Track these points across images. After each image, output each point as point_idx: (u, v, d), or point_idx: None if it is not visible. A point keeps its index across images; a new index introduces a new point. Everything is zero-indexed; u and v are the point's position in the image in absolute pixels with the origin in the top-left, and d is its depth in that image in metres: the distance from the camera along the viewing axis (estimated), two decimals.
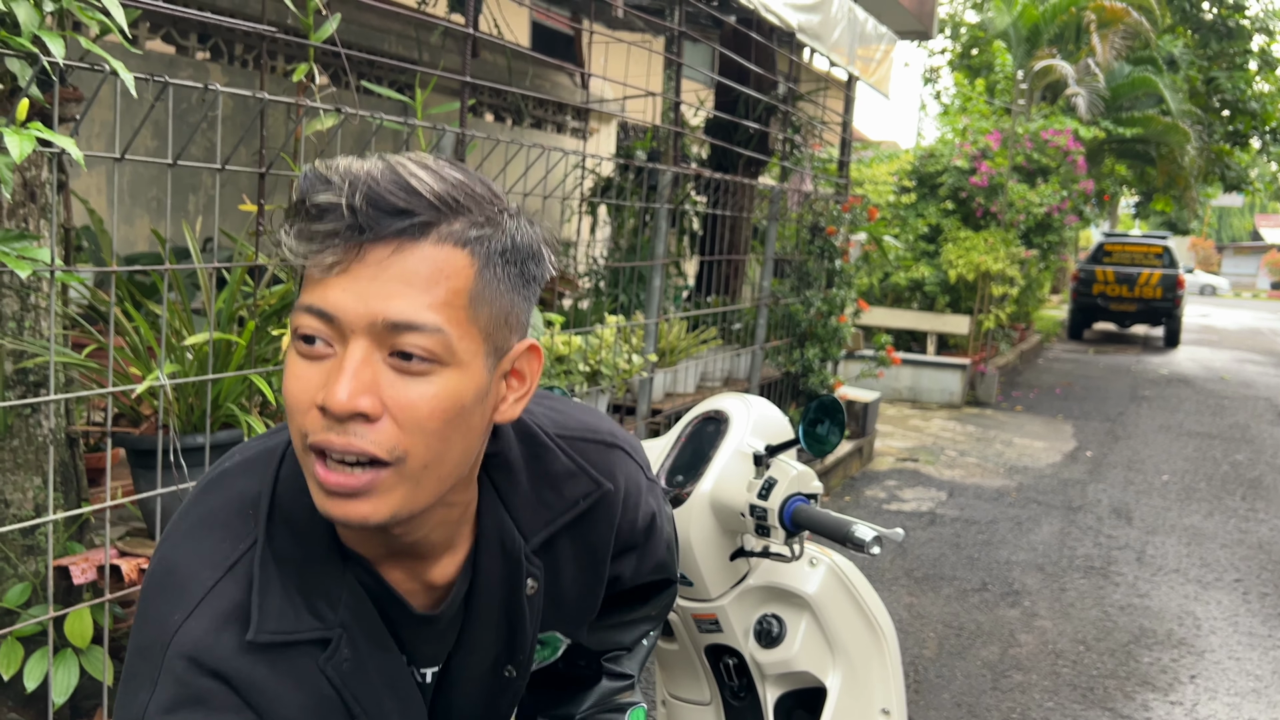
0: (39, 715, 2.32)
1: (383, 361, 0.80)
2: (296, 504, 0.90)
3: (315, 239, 0.80)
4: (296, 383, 0.82)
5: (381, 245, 0.80)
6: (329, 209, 0.79)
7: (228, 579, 0.88)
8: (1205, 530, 5.59)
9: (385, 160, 0.81)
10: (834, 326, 5.67)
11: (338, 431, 0.80)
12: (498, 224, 0.85)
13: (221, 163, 1.99)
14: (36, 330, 2.24)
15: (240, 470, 0.95)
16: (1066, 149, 10.58)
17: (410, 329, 0.80)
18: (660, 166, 3.87)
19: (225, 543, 0.90)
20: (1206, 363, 13.68)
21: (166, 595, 0.88)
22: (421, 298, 0.80)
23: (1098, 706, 3.41)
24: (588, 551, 1.06)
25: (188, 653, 0.85)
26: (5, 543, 2.29)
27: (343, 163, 0.81)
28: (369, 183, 0.79)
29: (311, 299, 0.81)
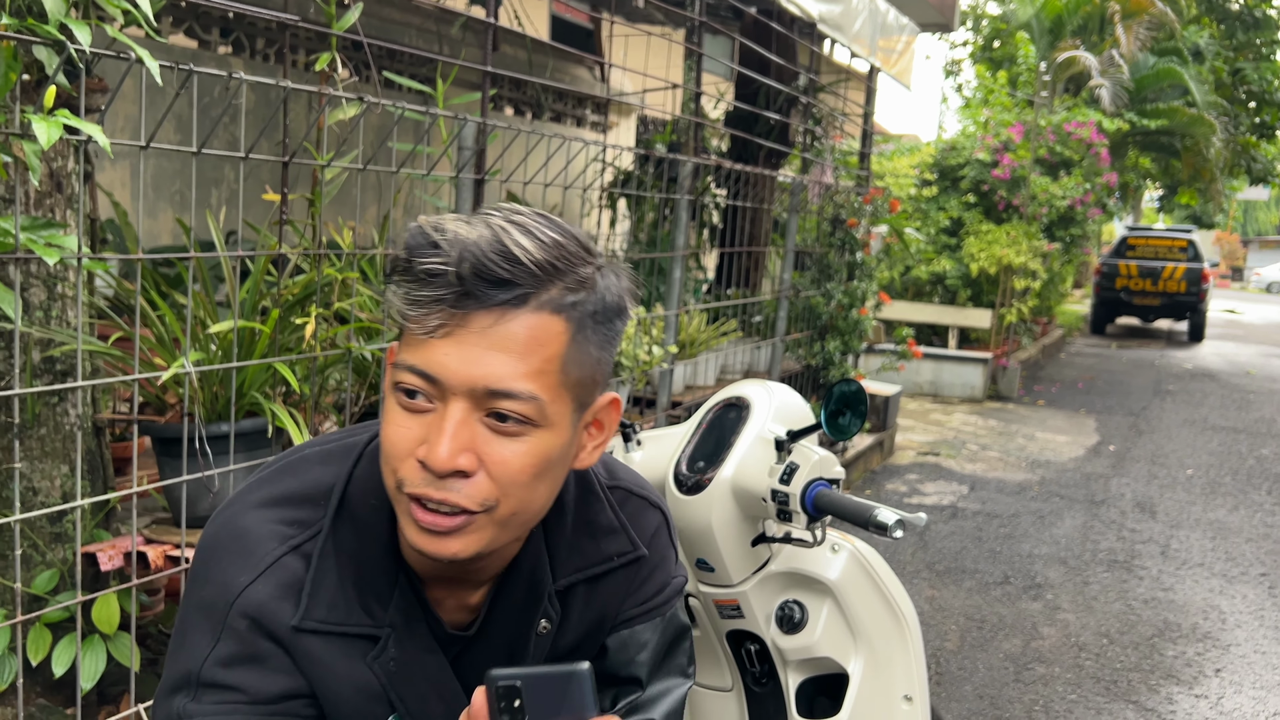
0: (67, 700, 2.35)
1: (480, 421, 0.85)
2: (364, 503, 0.95)
3: (421, 303, 0.84)
4: (397, 431, 0.87)
5: (484, 313, 0.83)
6: (436, 275, 0.83)
7: (293, 555, 0.93)
8: (1230, 524, 5.54)
9: (490, 226, 0.84)
10: (855, 319, 5.65)
11: (435, 486, 0.85)
12: (591, 286, 0.88)
13: (245, 151, 2.01)
14: (63, 320, 2.27)
15: (319, 459, 1.00)
16: (1090, 141, 10.49)
17: (508, 396, 0.84)
18: (680, 157, 3.86)
19: (294, 522, 0.94)
20: (1232, 357, 13.53)
21: (233, 558, 0.93)
22: (519, 365, 0.84)
23: (1121, 699, 3.38)
24: (598, 608, 1.07)
25: (251, 614, 0.90)
26: (34, 530, 2.31)
27: (450, 226, 0.84)
28: (476, 253, 0.82)
29: (415, 359, 0.85)
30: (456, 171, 2.50)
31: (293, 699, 0.91)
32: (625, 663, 1.10)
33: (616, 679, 1.11)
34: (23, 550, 2.31)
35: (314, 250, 2.26)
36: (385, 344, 2.47)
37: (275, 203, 2.30)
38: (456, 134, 2.45)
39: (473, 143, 2.48)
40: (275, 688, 0.90)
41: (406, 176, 2.46)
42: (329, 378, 2.59)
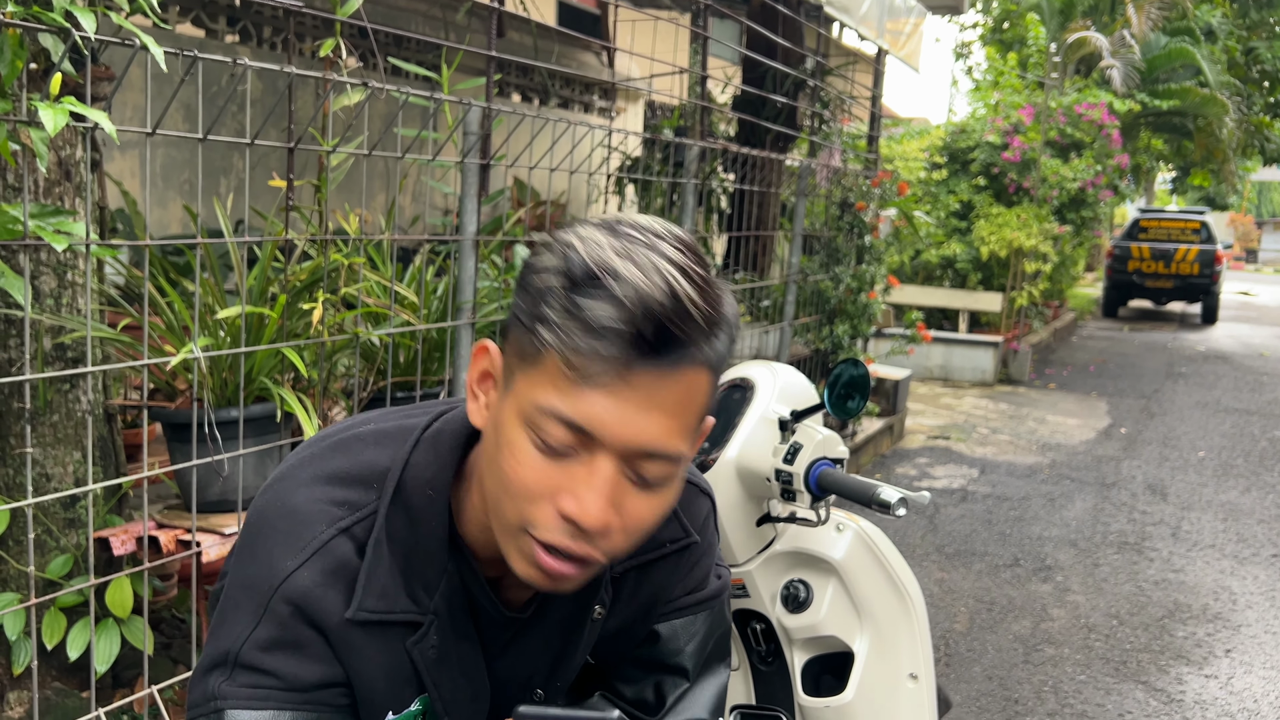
0: (82, 684, 2.38)
1: (623, 476, 0.82)
2: (420, 493, 0.92)
3: (586, 353, 0.78)
4: (531, 473, 0.81)
5: (650, 372, 0.78)
6: (609, 330, 0.77)
7: (342, 538, 0.90)
8: (1242, 506, 5.52)
9: (661, 272, 0.78)
10: (864, 303, 5.64)
11: (574, 538, 0.82)
12: (727, 324, 0.83)
13: (251, 137, 2.02)
14: (74, 307, 2.29)
15: (373, 440, 0.96)
16: (1101, 123, 10.41)
17: (662, 457, 0.82)
18: (686, 141, 3.86)
19: (344, 503, 0.92)
20: (1245, 339, 13.46)
21: (279, 537, 0.91)
22: (674, 424, 0.81)
23: (1131, 680, 3.39)
24: (649, 593, 1.07)
25: (294, 600, 0.88)
26: (47, 516, 2.34)
27: (621, 267, 0.77)
28: (657, 312, 0.77)
29: (570, 411, 0.79)
30: (462, 156, 2.51)
31: (328, 687, 0.90)
32: (674, 652, 1.10)
33: (665, 666, 1.10)
34: (36, 535, 2.33)
35: (321, 236, 2.27)
36: (392, 329, 2.48)
37: (282, 190, 2.31)
38: (461, 119, 2.46)
39: (478, 128, 2.49)
40: (312, 675, 0.89)
41: (412, 162, 2.46)
42: (337, 363, 2.61)
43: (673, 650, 1.10)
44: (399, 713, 0.96)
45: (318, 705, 0.90)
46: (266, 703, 0.88)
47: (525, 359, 0.82)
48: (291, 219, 2.28)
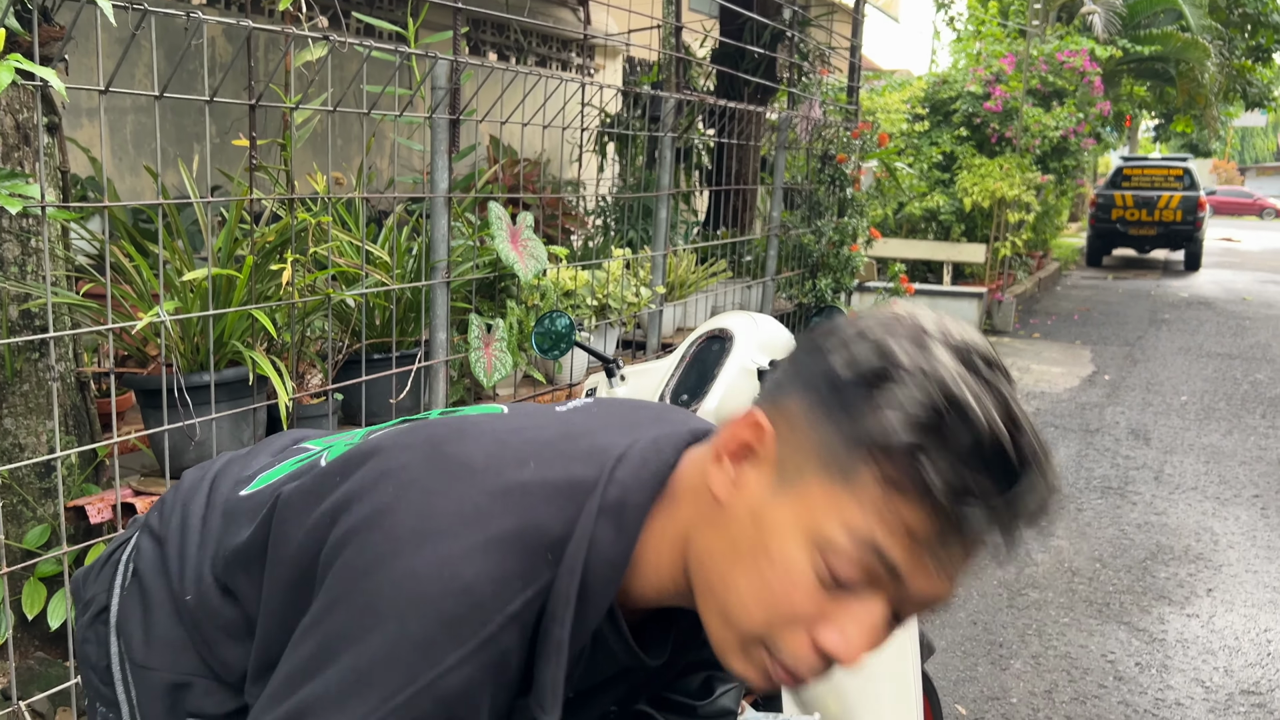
0: (65, 653, 2.37)
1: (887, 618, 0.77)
2: (600, 576, 0.81)
3: (948, 539, 0.71)
4: (803, 600, 0.74)
5: (963, 547, 0.73)
6: (982, 532, 0.72)
7: (511, 626, 0.76)
8: (1224, 448, 5.56)
9: (1041, 471, 0.73)
10: (846, 256, 5.62)
11: (818, 671, 0.76)
12: None
13: (211, 94, 1.97)
14: (39, 274, 2.25)
15: (543, 497, 0.81)
16: (1083, 70, 10.36)
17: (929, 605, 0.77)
18: (663, 94, 3.81)
19: (518, 580, 0.77)
20: (1228, 285, 13.51)
21: (444, 621, 0.74)
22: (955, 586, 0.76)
23: (1114, 621, 3.42)
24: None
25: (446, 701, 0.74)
26: (22, 486, 2.32)
27: (1015, 457, 0.71)
28: (1025, 518, 0.72)
29: (894, 555, 0.72)
30: (430, 112, 2.47)
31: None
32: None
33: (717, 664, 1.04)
34: (13, 505, 2.31)
35: (287, 195, 2.23)
36: (365, 289, 2.45)
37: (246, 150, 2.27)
38: (428, 73, 2.41)
39: (445, 82, 2.44)
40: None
41: (380, 119, 2.42)
42: (311, 325, 2.58)
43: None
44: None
45: None
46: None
47: (834, 473, 0.73)
48: (258, 179, 2.24)
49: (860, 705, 1.69)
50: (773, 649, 0.76)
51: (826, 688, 1.68)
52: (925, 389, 0.71)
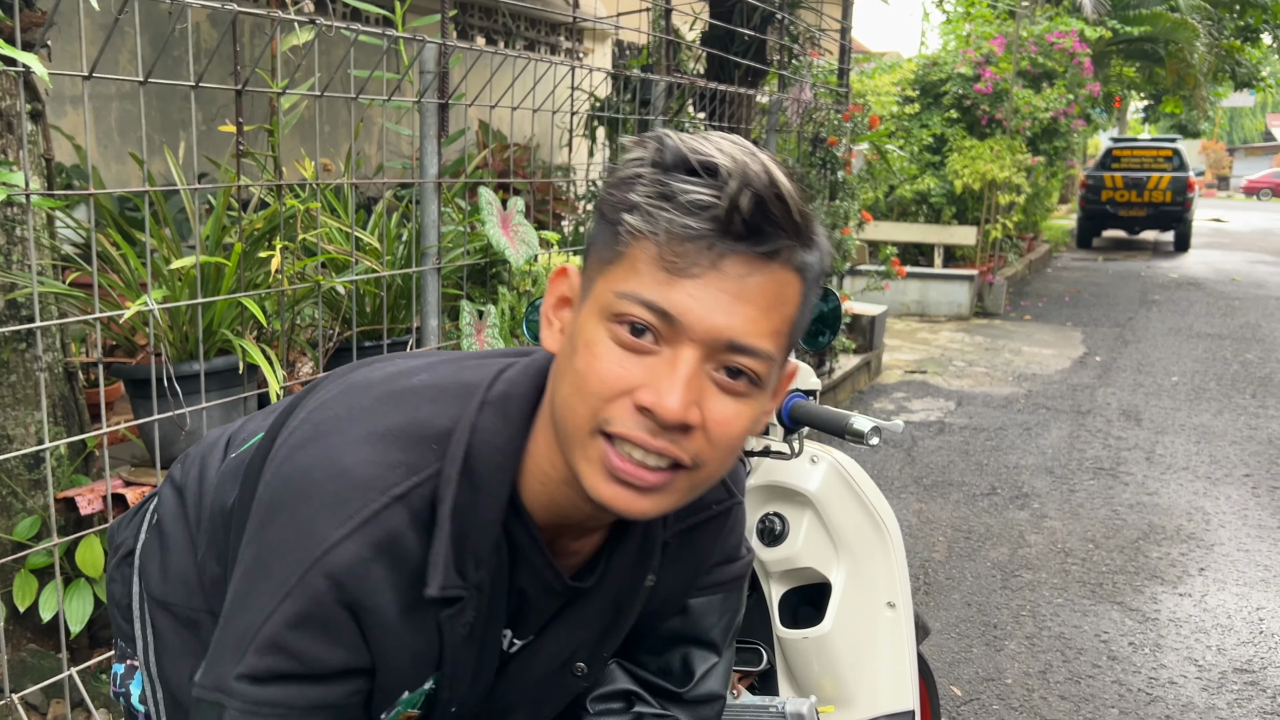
0: (57, 646, 2.36)
1: (707, 374, 0.79)
2: (489, 461, 0.86)
3: (679, 235, 0.76)
4: (611, 369, 0.78)
5: (741, 259, 0.77)
6: (706, 208, 0.75)
7: (396, 507, 0.82)
8: (1215, 428, 5.58)
9: (759, 159, 0.77)
10: (838, 239, 5.61)
11: (654, 434, 0.78)
12: (820, 247, 0.82)
13: (196, 79, 1.95)
14: (24, 264, 2.22)
15: (429, 396, 0.88)
16: (1072, 51, 10.34)
17: (748, 352, 0.78)
18: (653, 77, 3.79)
19: (401, 467, 0.83)
20: (1217, 265, 13.55)
21: (326, 502, 0.81)
22: (763, 322, 0.78)
23: (1107, 601, 3.43)
24: (693, 559, 1.04)
25: (335, 575, 0.80)
26: (11, 478, 2.30)
27: (721, 151, 0.76)
28: (758, 189, 0.75)
29: (654, 296, 0.77)
30: (419, 96, 2.44)
31: (352, 675, 0.83)
32: (707, 627, 1.08)
33: (695, 640, 1.08)
34: (2, 498, 2.30)
35: (275, 182, 2.21)
36: (355, 276, 2.43)
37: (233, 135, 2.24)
38: (416, 57, 2.39)
39: (434, 66, 2.42)
40: (335, 660, 0.81)
41: (369, 104, 2.40)
42: (301, 313, 2.56)
43: (705, 625, 1.08)
44: (414, 691, 0.90)
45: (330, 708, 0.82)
46: (287, 683, 0.80)
47: (607, 262, 0.80)
48: (245, 165, 2.22)
49: (857, 687, 1.69)
50: (607, 428, 0.79)
51: (822, 670, 1.68)
52: (662, 145, 0.79)
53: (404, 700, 0.90)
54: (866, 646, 1.71)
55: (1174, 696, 2.84)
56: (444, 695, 0.92)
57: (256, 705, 0.80)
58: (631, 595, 0.99)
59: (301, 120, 3.30)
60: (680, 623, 1.08)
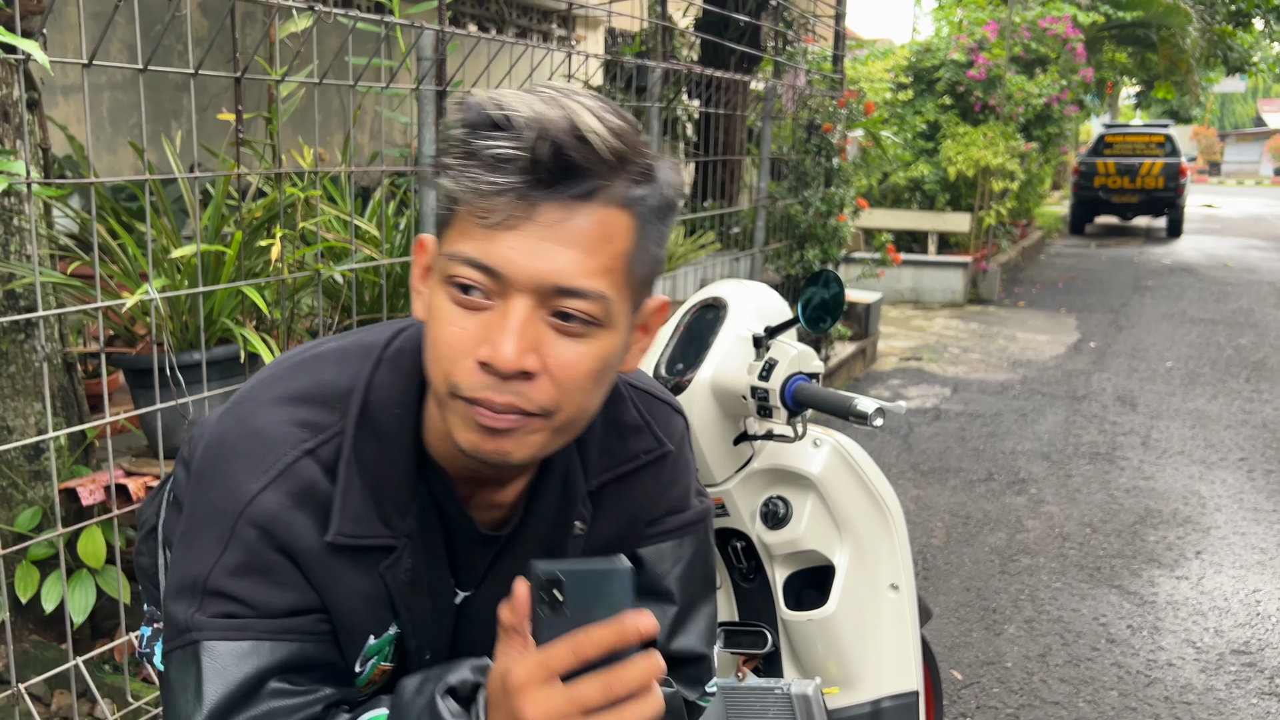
0: (60, 636, 2.35)
1: (543, 320, 0.80)
2: (386, 413, 0.91)
3: (487, 191, 0.77)
4: (452, 330, 0.81)
5: (555, 204, 0.78)
6: (507, 160, 0.77)
7: (307, 460, 0.88)
8: (1209, 413, 5.61)
9: (561, 105, 0.77)
10: (833, 226, 5.61)
11: (498, 390, 0.80)
12: (654, 180, 0.83)
13: (195, 67, 1.94)
14: (22, 254, 2.21)
15: (332, 359, 0.94)
16: (1065, 37, 10.34)
17: (575, 294, 0.79)
18: (649, 63, 3.78)
19: (308, 424, 0.89)
20: (1210, 251, 13.58)
21: (243, 460, 0.88)
22: (588, 262, 0.79)
23: (1105, 584, 3.45)
24: (630, 509, 1.05)
25: (261, 523, 0.86)
26: (12, 469, 2.29)
27: (518, 103, 0.77)
28: (554, 135, 0.76)
29: (475, 252, 0.79)
30: (416, 83, 2.43)
31: (302, 614, 0.88)
32: (660, 576, 1.08)
33: (650, 591, 1.09)
34: (2, 489, 2.29)
35: (274, 170, 2.20)
36: (354, 264, 2.43)
37: (233, 125, 2.23)
38: (414, 43, 2.38)
39: (431, 53, 2.41)
40: (284, 602, 0.87)
41: (366, 91, 2.39)
42: (301, 302, 2.55)
43: (658, 575, 1.08)
44: (380, 636, 0.94)
45: (295, 633, 0.87)
46: (244, 633, 0.85)
47: (441, 226, 0.83)
48: (243, 154, 2.21)
49: (861, 669, 1.70)
50: (460, 393, 0.82)
51: (827, 652, 1.69)
52: (467, 104, 0.80)
53: (371, 646, 0.93)
54: (870, 628, 1.72)
55: (1172, 678, 2.86)
56: (411, 645, 0.96)
57: (226, 630, 0.85)
58: (561, 543, 1.00)
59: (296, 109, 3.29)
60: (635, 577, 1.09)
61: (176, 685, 0.86)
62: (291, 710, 0.86)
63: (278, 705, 0.85)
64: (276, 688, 0.86)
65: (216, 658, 0.85)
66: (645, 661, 0.73)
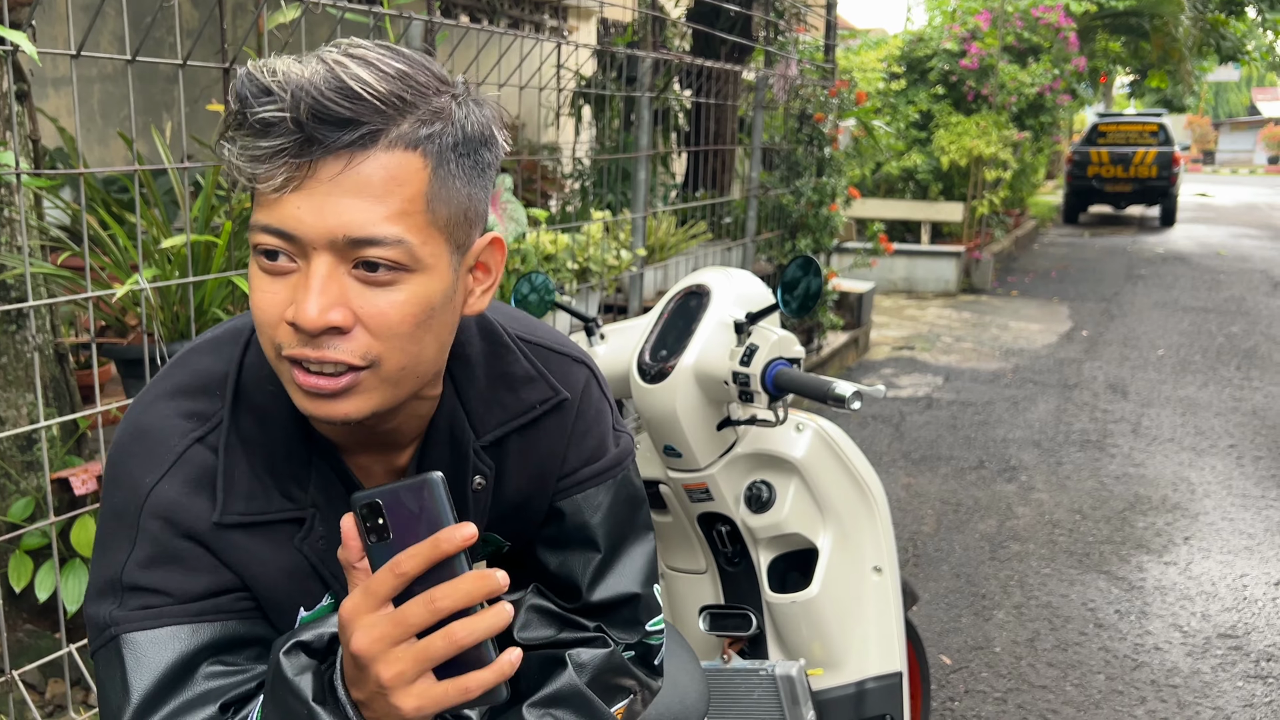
0: (54, 625, 2.37)
1: (348, 274, 0.81)
2: (260, 390, 0.92)
3: (262, 157, 0.78)
4: (263, 297, 0.83)
5: (332, 159, 0.78)
6: (273, 124, 0.77)
7: (198, 447, 0.91)
8: (1200, 400, 5.63)
9: (324, 61, 0.78)
10: (825, 216, 5.62)
11: (312, 346, 0.81)
12: (447, 117, 0.83)
13: (184, 58, 1.95)
14: (13, 245, 2.23)
15: (207, 349, 0.97)
16: (1058, 26, 10.34)
17: (371, 243, 0.80)
18: (639, 53, 3.79)
19: (193, 415, 0.92)
20: (1203, 239, 13.61)
21: (137, 458, 0.91)
22: (378, 209, 0.79)
23: (1093, 570, 3.48)
24: (536, 460, 1.05)
25: (162, 514, 0.88)
26: (5, 459, 2.31)
27: (280, 67, 0.78)
28: (312, 93, 0.76)
29: (267, 218, 0.80)
30: None
31: (221, 595, 0.90)
32: (580, 526, 1.07)
33: (573, 541, 1.08)
34: None
35: None
36: None
37: (221, 114, 2.24)
38: (403, 34, 2.39)
39: (420, 43, 2.42)
40: (198, 586, 0.88)
41: None
42: None
43: (578, 525, 1.07)
44: (311, 609, 0.95)
45: (216, 614, 0.89)
46: (161, 620, 0.87)
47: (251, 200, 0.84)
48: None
49: (845, 650, 1.72)
50: (283, 354, 0.84)
51: (811, 634, 1.71)
52: (235, 76, 0.80)
53: (305, 618, 0.95)
54: (854, 610, 1.74)
55: (1159, 662, 2.89)
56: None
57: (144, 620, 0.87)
58: (461, 499, 1.01)
59: None
60: (556, 529, 1.08)
61: (106, 683, 0.87)
62: (224, 690, 0.87)
63: (212, 686, 0.86)
64: (209, 670, 0.87)
65: (137, 648, 0.86)
66: (474, 577, 0.73)
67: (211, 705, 0.86)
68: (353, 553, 0.78)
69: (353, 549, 0.78)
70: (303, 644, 0.82)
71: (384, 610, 0.74)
